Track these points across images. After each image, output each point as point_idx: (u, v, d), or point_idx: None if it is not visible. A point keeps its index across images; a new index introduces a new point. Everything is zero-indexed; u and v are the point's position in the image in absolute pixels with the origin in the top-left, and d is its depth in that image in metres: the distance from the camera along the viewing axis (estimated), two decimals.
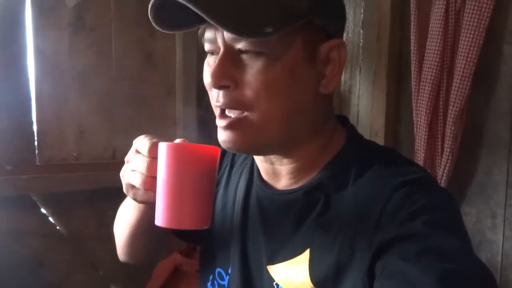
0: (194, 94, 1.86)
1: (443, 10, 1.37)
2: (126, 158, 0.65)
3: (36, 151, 1.60)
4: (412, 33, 1.49)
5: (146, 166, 0.60)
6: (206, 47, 0.63)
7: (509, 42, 1.34)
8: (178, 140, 0.60)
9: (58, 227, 1.66)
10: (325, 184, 0.65)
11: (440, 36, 1.38)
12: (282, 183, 0.69)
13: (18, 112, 1.57)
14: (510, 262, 1.36)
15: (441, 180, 1.42)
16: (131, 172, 0.63)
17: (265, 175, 0.71)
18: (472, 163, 1.43)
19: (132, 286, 1.77)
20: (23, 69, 1.57)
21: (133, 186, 0.63)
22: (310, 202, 0.65)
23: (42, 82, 1.59)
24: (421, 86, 1.46)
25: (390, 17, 1.63)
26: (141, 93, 1.80)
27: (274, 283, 0.66)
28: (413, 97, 1.50)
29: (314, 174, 0.66)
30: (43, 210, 1.64)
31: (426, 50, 1.44)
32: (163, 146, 0.58)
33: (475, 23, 1.31)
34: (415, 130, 1.49)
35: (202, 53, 0.66)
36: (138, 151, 0.63)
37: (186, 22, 0.61)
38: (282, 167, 0.68)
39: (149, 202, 0.63)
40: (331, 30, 0.62)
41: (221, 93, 0.60)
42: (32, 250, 1.60)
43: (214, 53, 0.62)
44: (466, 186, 1.45)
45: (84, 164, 1.69)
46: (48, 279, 1.63)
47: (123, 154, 0.65)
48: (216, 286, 0.76)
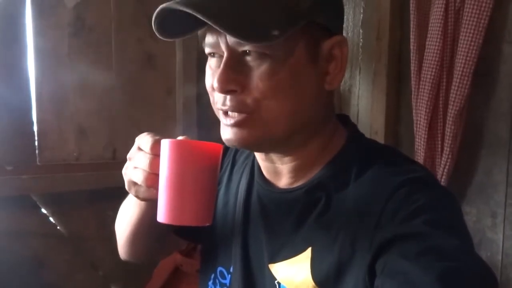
0: (194, 94, 1.86)
1: (443, 9, 1.37)
2: (128, 155, 0.65)
3: (36, 151, 1.60)
4: (411, 32, 1.49)
5: (148, 163, 0.60)
6: (207, 50, 0.63)
7: (508, 42, 1.35)
8: (180, 137, 0.61)
9: (58, 227, 1.66)
10: (325, 183, 0.65)
11: (439, 35, 1.38)
12: (283, 182, 0.69)
13: (18, 112, 1.56)
14: (510, 261, 1.37)
15: (441, 179, 1.42)
16: (133, 169, 0.63)
17: (266, 174, 0.72)
18: (472, 163, 1.43)
19: (132, 286, 1.77)
20: (23, 69, 1.56)
21: (135, 183, 0.64)
22: (311, 201, 0.66)
23: (42, 82, 1.59)
24: (420, 86, 1.46)
25: (390, 17, 1.63)
26: (141, 93, 1.80)
27: (276, 282, 0.67)
28: (412, 96, 1.50)
29: (314, 173, 0.67)
30: (44, 210, 1.63)
31: (426, 50, 1.44)
32: (166, 143, 0.58)
33: (475, 23, 1.31)
34: (415, 129, 1.50)
35: (202, 53, 0.65)
36: (140, 148, 0.63)
37: (188, 28, 0.62)
38: (283, 166, 0.68)
39: (151, 199, 0.63)
40: (332, 27, 0.63)
41: (228, 97, 0.60)
42: (32, 250, 1.60)
43: (215, 55, 0.62)
44: (466, 186, 1.45)
45: (84, 164, 1.68)
46: (48, 279, 1.63)
47: (123, 154, 0.66)
48: (217, 285, 0.76)
